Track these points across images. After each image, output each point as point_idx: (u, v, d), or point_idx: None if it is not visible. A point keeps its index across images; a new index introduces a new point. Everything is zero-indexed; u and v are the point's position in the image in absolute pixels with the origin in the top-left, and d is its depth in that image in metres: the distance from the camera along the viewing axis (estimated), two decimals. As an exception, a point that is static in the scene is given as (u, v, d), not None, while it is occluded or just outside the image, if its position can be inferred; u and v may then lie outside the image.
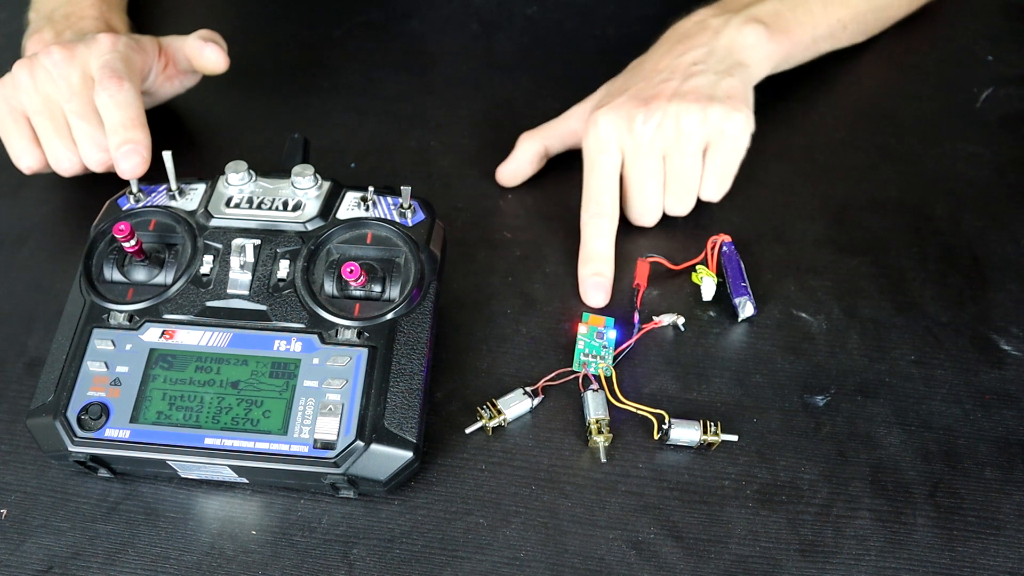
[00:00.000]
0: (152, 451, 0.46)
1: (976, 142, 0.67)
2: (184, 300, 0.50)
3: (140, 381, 0.47)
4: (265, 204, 0.53)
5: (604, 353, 0.53)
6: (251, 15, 0.79)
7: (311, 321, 0.49)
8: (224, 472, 0.47)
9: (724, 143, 0.58)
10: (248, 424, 0.46)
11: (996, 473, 0.50)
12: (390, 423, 0.46)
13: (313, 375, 0.47)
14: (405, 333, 0.49)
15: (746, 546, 0.47)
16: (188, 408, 0.47)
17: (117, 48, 0.59)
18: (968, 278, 0.59)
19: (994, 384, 0.54)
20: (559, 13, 0.69)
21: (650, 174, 0.58)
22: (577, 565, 0.47)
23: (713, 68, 0.60)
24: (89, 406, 0.47)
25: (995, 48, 0.74)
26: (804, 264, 0.59)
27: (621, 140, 0.57)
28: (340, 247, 0.52)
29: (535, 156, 0.64)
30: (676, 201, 0.59)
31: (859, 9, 0.70)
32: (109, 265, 0.52)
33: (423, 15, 0.77)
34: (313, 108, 0.70)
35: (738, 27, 0.62)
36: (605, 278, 0.57)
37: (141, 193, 0.54)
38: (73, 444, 0.46)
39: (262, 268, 0.51)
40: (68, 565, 0.47)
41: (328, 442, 0.45)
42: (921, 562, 0.47)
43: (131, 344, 0.49)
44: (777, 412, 0.52)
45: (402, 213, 0.53)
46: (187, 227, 0.52)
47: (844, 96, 0.71)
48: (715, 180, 0.59)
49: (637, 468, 0.50)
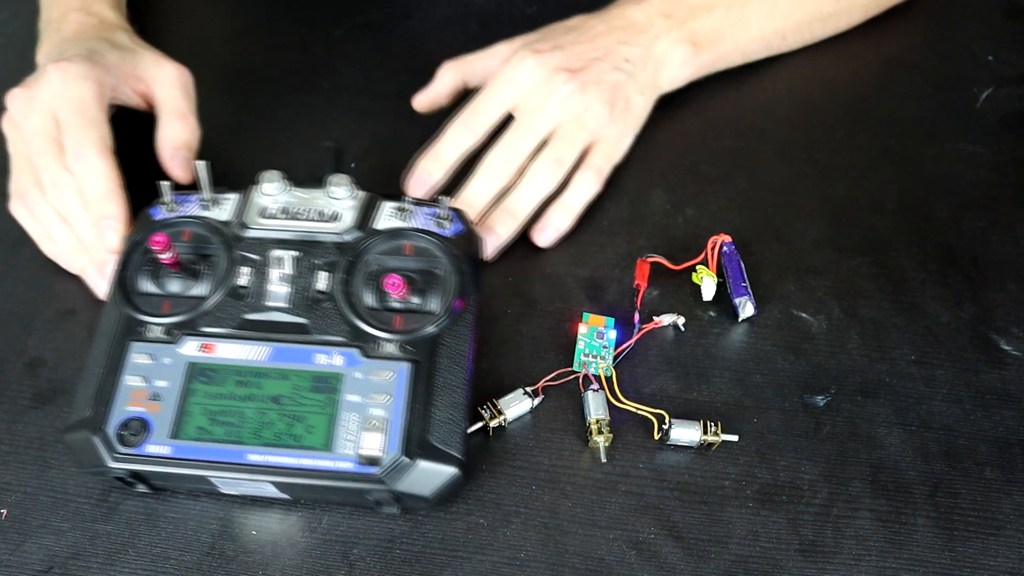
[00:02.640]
0: (195, 467, 0.45)
1: (976, 142, 0.67)
2: (222, 313, 0.49)
3: (180, 396, 0.46)
4: (301, 215, 0.52)
5: (604, 353, 0.53)
6: (251, 15, 0.79)
7: (352, 334, 0.48)
8: (266, 488, 0.46)
9: (600, 156, 0.61)
10: (291, 440, 0.45)
11: (996, 473, 0.50)
12: (435, 438, 0.45)
13: (356, 389, 0.47)
14: (448, 346, 0.48)
15: (746, 546, 0.47)
16: (229, 423, 0.46)
17: (69, 89, 0.55)
18: (968, 278, 0.59)
19: (994, 384, 0.54)
20: (559, 13, 0.69)
21: (532, 129, 0.60)
22: (577, 565, 0.47)
23: (637, 76, 0.63)
24: (129, 421, 0.46)
25: (995, 48, 0.74)
26: (804, 264, 0.59)
27: (531, 86, 0.60)
28: (378, 258, 0.51)
29: (453, 87, 0.66)
30: (536, 176, 0.59)
31: (800, 20, 0.70)
32: (144, 277, 0.51)
33: (423, 15, 0.77)
34: (313, 108, 0.70)
35: (673, 43, 0.65)
36: (432, 178, 0.60)
37: (174, 203, 0.53)
38: (113, 460, 0.45)
39: (300, 280, 0.50)
40: (68, 565, 0.47)
41: (373, 458, 0.45)
42: (921, 562, 0.47)
43: (169, 358, 0.48)
44: (777, 412, 0.52)
45: (440, 223, 0.52)
46: (222, 238, 0.51)
47: (844, 96, 0.71)
48: (572, 190, 0.60)
49: (637, 468, 0.50)
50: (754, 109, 0.69)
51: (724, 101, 0.69)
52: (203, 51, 0.73)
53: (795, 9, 0.69)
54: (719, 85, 0.70)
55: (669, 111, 0.67)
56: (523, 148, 0.60)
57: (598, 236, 0.61)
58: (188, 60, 0.62)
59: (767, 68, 0.71)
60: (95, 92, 0.56)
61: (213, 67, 0.72)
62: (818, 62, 0.71)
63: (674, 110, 0.67)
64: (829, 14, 0.71)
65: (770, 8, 0.68)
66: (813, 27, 0.71)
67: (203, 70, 0.63)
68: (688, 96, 0.68)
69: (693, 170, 0.65)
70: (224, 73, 0.64)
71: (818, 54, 0.72)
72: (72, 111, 0.55)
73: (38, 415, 0.52)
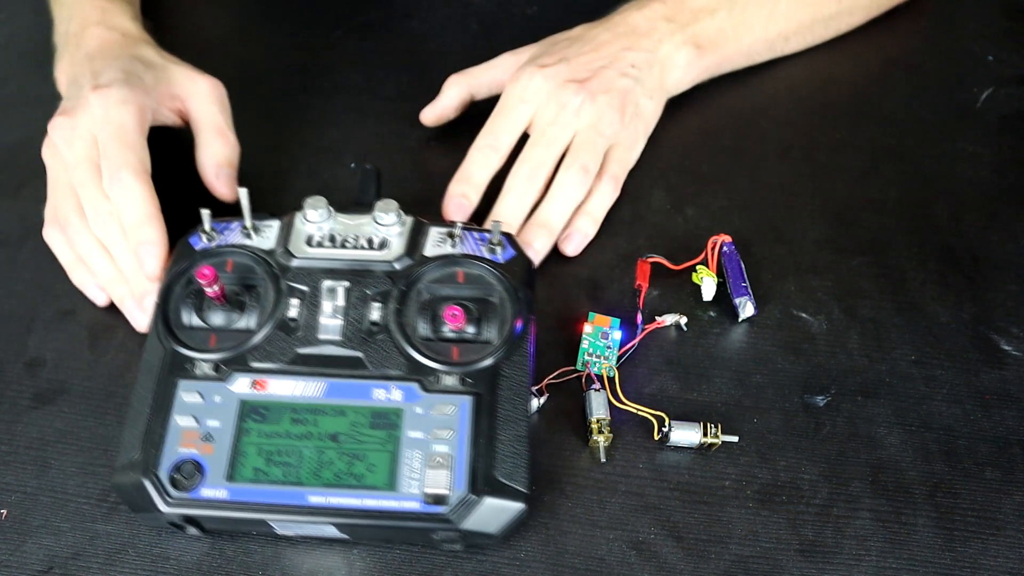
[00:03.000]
0: (254, 511, 0.43)
1: (976, 142, 0.67)
2: (273, 347, 0.47)
3: (233, 436, 0.45)
4: (349, 243, 0.51)
5: (608, 353, 0.53)
6: (251, 15, 0.79)
7: (409, 367, 0.47)
8: (327, 530, 0.44)
9: (616, 163, 0.61)
10: (352, 479, 0.44)
11: (996, 473, 0.50)
12: (501, 473, 0.44)
13: (418, 425, 0.45)
14: (508, 377, 0.47)
15: (746, 546, 0.47)
16: (287, 464, 0.44)
17: (109, 115, 0.54)
18: (968, 278, 0.59)
19: (994, 384, 0.54)
20: (559, 13, 0.69)
21: (551, 142, 0.60)
22: (577, 565, 0.47)
23: (645, 81, 0.63)
24: (181, 464, 0.44)
25: (995, 48, 0.74)
26: (804, 264, 0.59)
27: (543, 100, 0.60)
28: (431, 287, 0.50)
29: (460, 100, 0.66)
30: (565, 187, 0.59)
31: (802, 22, 0.70)
32: (187, 310, 0.49)
33: (423, 15, 0.77)
34: (313, 108, 0.70)
35: (677, 46, 0.65)
36: (470, 202, 0.59)
37: (214, 232, 0.51)
38: (167, 505, 0.43)
39: (353, 311, 0.48)
40: (68, 565, 0.46)
41: (440, 496, 0.43)
42: (921, 562, 0.47)
43: (220, 396, 0.46)
44: (777, 412, 0.52)
45: (492, 249, 0.51)
46: (267, 268, 0.50)
47: (844, 96, 0.71)
48: (593, 198, 0.60)
49: (637, 468, 0.50)
50: (754, 109, 0.69)
51: (724, 101, 0.69)
52: (203, 51, 0.73)
53: (797, 11, 0.69)
54: (720, 85, 0.70)
55: (669, 111, 0.67)
56: (546, 162, 0.59)
57: (598, 236, 0.60)
58: (188, 60, 0.62)
59: (768, 69, 0.71)
60: (136, 117, 0.55)
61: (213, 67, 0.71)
62: (818, 62, 0.71)
63: (674, 110, 0.67)
64: (831, 16, 0.71)
65: (772, 10, 0.68)
66: (816, 29, 0.71)
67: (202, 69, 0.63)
68: (688, 96, 0.68)
69: (693, 170, 0.65)
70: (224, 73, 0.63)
71: (818, 54, 0.72)
72: (112, 136, 0.54)
73: (38, 415, 0.52)
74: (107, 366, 0.54)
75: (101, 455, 0.50)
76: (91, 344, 0.55)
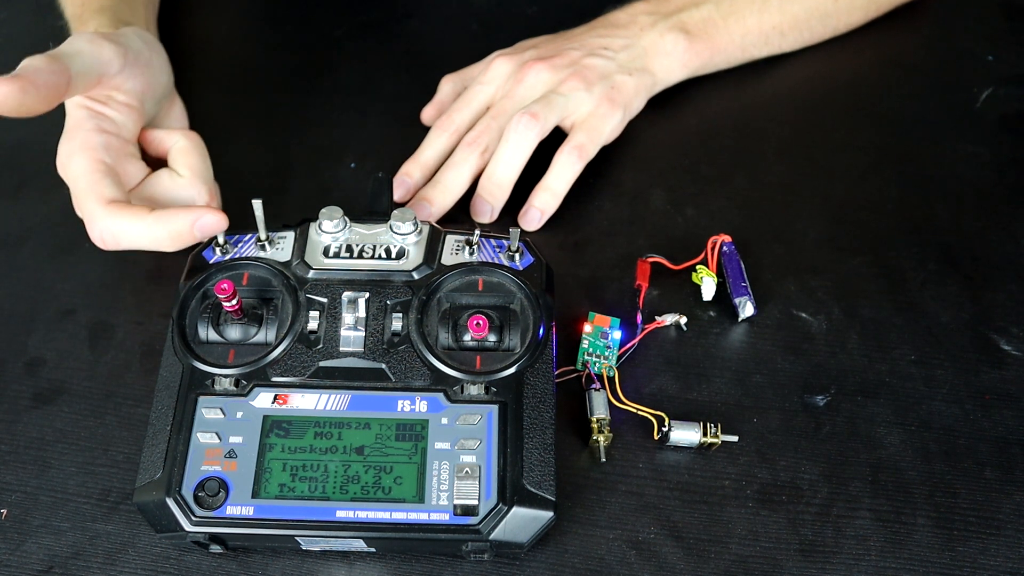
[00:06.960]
0: (281, 527, 0.42)
1: (976, 142, 0.67)
2: (294, 361, 0.47)
3: (257, 452, 0.44)
4: (366, 252, 0.50)
5: (608, 353, 0.53)
6: (251, 15, 0.79)
7: (433, 378, 0.46)
8: (355, 544, 0.44)
9: (581, 131, 0.60)
10: (380, 493, 0.43)
11: (996, 473, 0.50)
12: (530, 482, 0.43)
13: (444, 436, 0.45)
14: (532, 385, 0.46)
15: (746, 546, 0.47)
16: (313, 479, 0.43)
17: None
18: (968, 278, 0.59)
19: (994, 384, 0.54)
20: (559, 13, 0.69)
21: (501, 112, 0.60)
22: (577, 565, 0.47)
23: (619, 60, 0.63)
24: (205, 482, 0.43)
25: (995, 48, 0.74)
26: (804, 264, 0.59)
27: (503, 80, 0.61)
28: (451, 295, 0.50)
29: (455, 97, 0.66)
30: (511, 135, 0.58)
31: (798, 16, 0.70)
32: (204, 324, 0.48)
33: (423, 15, 0.77)
34: (313, 108, 0.70)
35: (661, 32, 0.65)
36: (412, 180, 0.61)
37: (228, 244, 0.51)
38: (192, 524, 0.42)
39: (373, 322, 0.48)
40: (68, 565, 0.46)
41: (470, 507, 0.43)
42: (921, 562, 0.47)
43: (242, 411, 0.45)
44: (777, 412, 0.52)
45: (511, 256, 0.51)
46: (284, 280, 0.49)
47: (844, 96, 0.71)
48: (553, 171, 0.60)
49: (637, 468, 0.50)
50: (754, 109, 0.69)
51: (724, 101, 0.69)
52: (203, 51, 0.73)
53: (791, 4, 0.69)
54: (719, 85, 0.70)
55: (669, 111, 0.67)
56: (492, 127, 0.60)
57: (598, 236, 0.61)
58: (188, 60, 0.62)
59: (767, 68, 0.71)
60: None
61: (212, 67, 0.72)
62: (818, 62, 0.71)
63: (674, 110, 0.67)
64: (827, 13, 0.71)
65: (763, 2, 0.68)
66: (812, 25, 0.71)
67: (202, 69, 0.63)
68: (688, 96, 0.69)
69: (693, 170, 0.65)
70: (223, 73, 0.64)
71: (818, 54, 0.72)
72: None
73: (38, 415, 0.52)
74: (107, 366, 0.54)
75: (101, 455, 0.50)
76: (91, 344, 0.55)
